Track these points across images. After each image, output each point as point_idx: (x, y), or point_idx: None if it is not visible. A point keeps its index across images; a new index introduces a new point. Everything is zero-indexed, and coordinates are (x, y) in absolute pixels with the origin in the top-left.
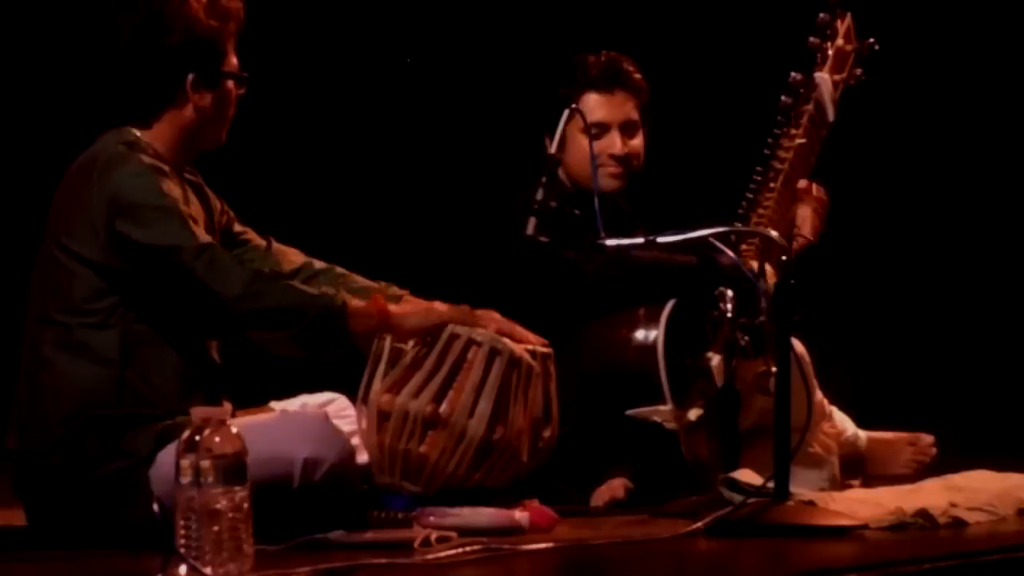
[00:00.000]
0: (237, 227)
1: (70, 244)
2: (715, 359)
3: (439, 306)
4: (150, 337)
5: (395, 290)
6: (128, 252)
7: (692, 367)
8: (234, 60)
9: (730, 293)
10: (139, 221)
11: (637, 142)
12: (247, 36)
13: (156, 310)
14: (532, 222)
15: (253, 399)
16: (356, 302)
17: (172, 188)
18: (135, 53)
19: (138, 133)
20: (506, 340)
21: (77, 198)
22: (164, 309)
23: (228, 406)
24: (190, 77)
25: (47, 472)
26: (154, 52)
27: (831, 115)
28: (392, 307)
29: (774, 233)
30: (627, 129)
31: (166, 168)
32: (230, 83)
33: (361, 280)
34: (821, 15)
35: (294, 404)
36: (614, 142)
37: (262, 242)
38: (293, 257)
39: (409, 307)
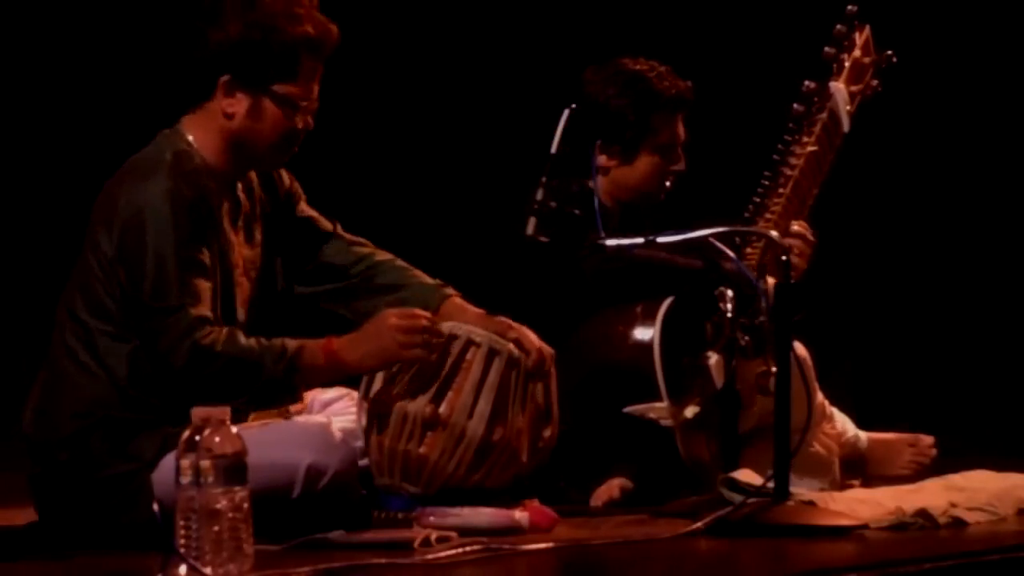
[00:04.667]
0: (303, 207)
1: (98, 241)
2: (713, 358)
3: (387, 337)
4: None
5: (448, 291)
6: (125, 272)
7: (690, 366)
8: (311, 88)
9: (730, 293)
10: (129, 246)
11: None
12: None
13: None
14: (532, 222)
15: None
16: (307, 351)
17: (182, 221)
18: (185, 42)
19: (191, 138)
20: (505, 340)
21: (113, 197)
22: None
23: (226, 409)
24: (224, 78)
25: (54, 468)
26: (197, 46)
27: (846, 126)
28: (338, 345)
29: (774, 233)
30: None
31: (188, 196)
32: (272, 103)
33: (420, 276)
34: (838, 26)
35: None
36: (681, 160)
37: (329, 225)
38: (358, 248)
39: (362, 344)
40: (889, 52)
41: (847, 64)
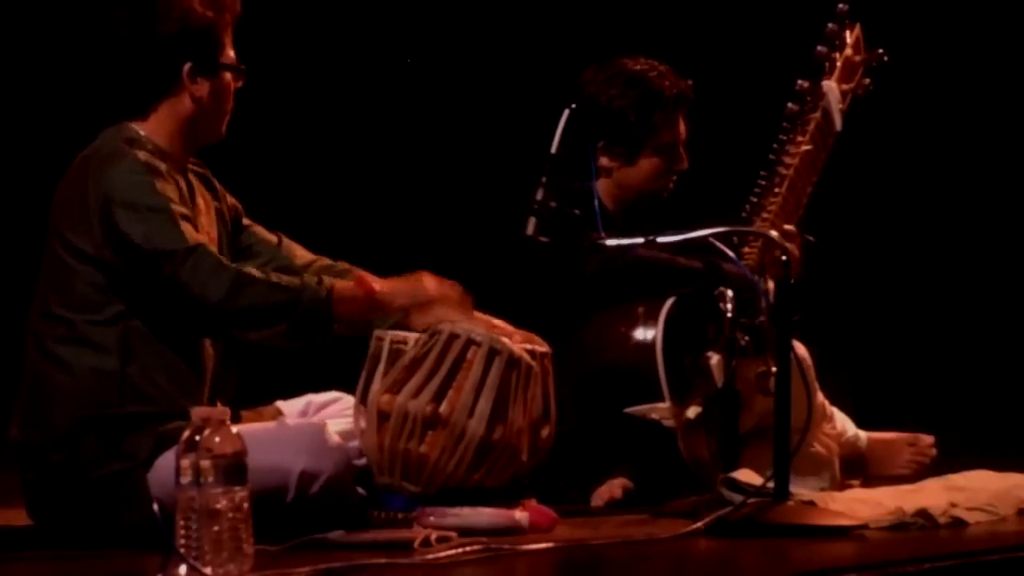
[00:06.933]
0: (245, 221)
1: (70, 240)
2: (714, 358)
3: (428, 282)
4: (150, 334)
5: None
6: (121, 249)
7: (691, 366)
8: (231, 53)
9: (730, 293)
10: (130, 220)
11: None
12: (257, 33)
13: (155, 307)
14: (532, 222)
15: (258, 398)
16: (341, 285)
17: (166, 187)
18: (131, 43)
19: (138, 128)
20: (505, 340)
21: (76, 194)
22: (163, 306)
23: (226, 410)
24: (186, 67)
25: (47, 470)
26: (150, 42)
27: (838, 124)
28: (378, 285)
29: (774, 233)
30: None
31: (162, 166)
32: (227, 75)
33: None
34: (830, 25)
35: (299, 403)
36: (683, 159)
37: (272, 238)
38: (301, 253)
39: (397, 284)
40: (880, 51)
41: (839, 63)
